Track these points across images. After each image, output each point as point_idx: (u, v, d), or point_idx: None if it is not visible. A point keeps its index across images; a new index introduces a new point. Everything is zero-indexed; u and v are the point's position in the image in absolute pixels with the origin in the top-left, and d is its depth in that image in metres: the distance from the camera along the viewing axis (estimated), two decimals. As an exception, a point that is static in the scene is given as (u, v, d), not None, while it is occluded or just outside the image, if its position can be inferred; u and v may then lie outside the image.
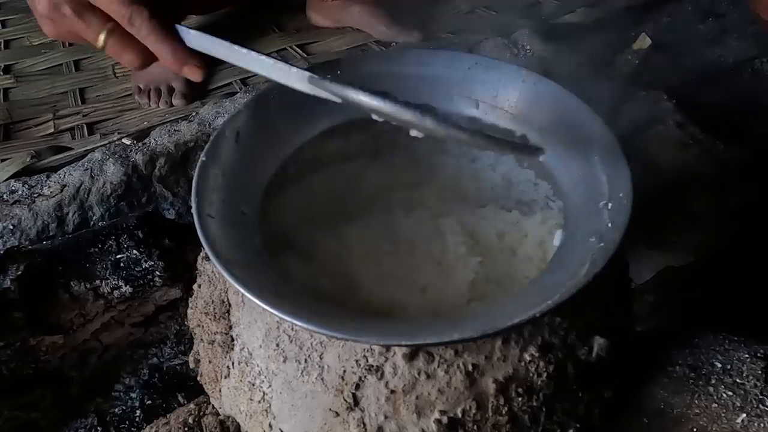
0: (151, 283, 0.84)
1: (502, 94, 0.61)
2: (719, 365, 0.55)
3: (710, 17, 1.24)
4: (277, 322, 0.49)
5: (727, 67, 1.13)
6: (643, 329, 0.65)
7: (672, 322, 0.76)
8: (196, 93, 1.10)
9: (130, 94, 1.13)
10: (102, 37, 0.50)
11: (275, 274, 0.49)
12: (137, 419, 0.78)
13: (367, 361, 0.45)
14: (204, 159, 0.53)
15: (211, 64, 0.52)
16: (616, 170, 0.51)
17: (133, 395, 0.80)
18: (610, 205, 0.49)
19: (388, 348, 0.45)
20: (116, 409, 0.79)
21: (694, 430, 0.52)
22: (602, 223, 0.48)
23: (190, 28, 0.51)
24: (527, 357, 0.46)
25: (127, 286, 0.83)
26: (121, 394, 0.81)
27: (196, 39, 0.50)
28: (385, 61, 0.65)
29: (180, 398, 0.80)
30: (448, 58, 0.64)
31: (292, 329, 0.48)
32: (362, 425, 0.45)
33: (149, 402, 0.79)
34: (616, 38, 1.15)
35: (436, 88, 0.63)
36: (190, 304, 0.59)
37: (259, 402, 0.50)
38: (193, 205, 0.49)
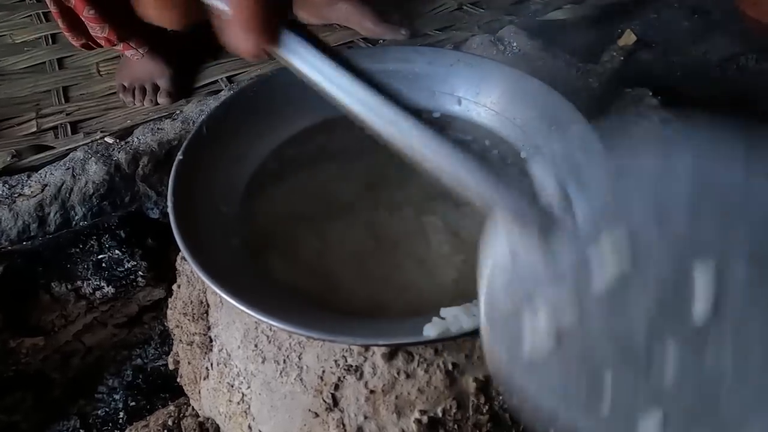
0: (134, 284, 0.83)
1: (484, 90, 0.61)
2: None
3: (696, 14, 1.25)
4: (255, 322, 0.48)
5: (713, 63, 1.13)
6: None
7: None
8: (180, 91, 1.09)
9: (115, 93, 1.12)
10: None
11: (254, 273, 0.49)
12: (120, 421, 0.77)
13: (346, 361, 0.45)
14: (181, 157, 0.52)
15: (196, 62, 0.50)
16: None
17: (117, 397, 0.79)
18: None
19: (367, 348, 0.45)
20: (99, 411, 0.78)
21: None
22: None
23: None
24: (508, 355, 0.45)
25: (110, 287, 0.82)
26: (105, 395, 0.80)
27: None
28: (367, 58, 0.64)
29: (164, 399, 0.79)
30: (430, 54, 0.63)
31: (271, 330, 0.48)
32: (342, 426, 0.45)
33: (133, 403, 0.78)
34: (602, 35, 1.15)
35: (419, 84, 0.62)
36: (169, 305, 0.59)
37: (239, 403, 0.49)
38: (170, 204, 0.48)
